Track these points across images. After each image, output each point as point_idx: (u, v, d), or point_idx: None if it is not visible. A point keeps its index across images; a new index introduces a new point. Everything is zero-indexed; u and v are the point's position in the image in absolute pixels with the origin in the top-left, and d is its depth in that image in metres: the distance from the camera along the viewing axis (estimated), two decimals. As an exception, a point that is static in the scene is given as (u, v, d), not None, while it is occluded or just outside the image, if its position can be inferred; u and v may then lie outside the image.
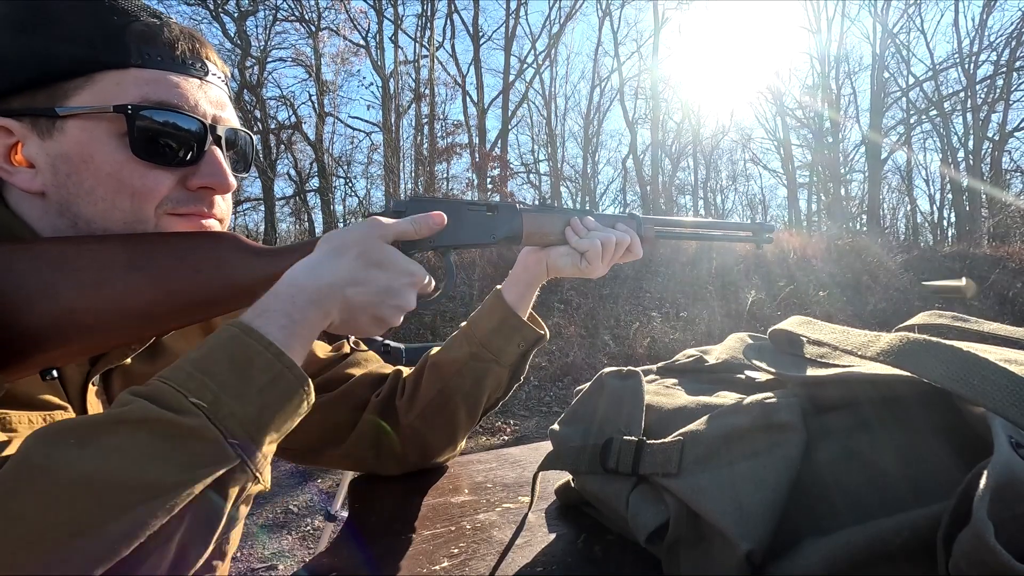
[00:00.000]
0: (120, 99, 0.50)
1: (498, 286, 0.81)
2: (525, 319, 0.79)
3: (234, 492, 0.43)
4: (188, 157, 0.54)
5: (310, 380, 0.48)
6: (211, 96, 0.57)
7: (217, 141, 0.57)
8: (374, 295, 0.54)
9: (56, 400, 0.52)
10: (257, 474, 0.44)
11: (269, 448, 0.45)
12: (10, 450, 0.42)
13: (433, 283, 0.63)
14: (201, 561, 0.43)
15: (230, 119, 0.59)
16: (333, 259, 0.53)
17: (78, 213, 0.52)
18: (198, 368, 0.43)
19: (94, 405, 0.56)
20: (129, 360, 0.59)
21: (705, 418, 0.53)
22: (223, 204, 0.60)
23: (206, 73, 0.57)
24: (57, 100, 0.50)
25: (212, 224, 0.58)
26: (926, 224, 17.85)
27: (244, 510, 0.46)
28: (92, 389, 0.56)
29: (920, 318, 0.71)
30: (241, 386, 0.43)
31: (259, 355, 0.45)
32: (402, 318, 0.58)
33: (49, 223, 0.53)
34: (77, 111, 0.50)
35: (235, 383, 0.43)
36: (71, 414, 0.53)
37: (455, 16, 14.30)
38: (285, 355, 0.46)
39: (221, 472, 0.41)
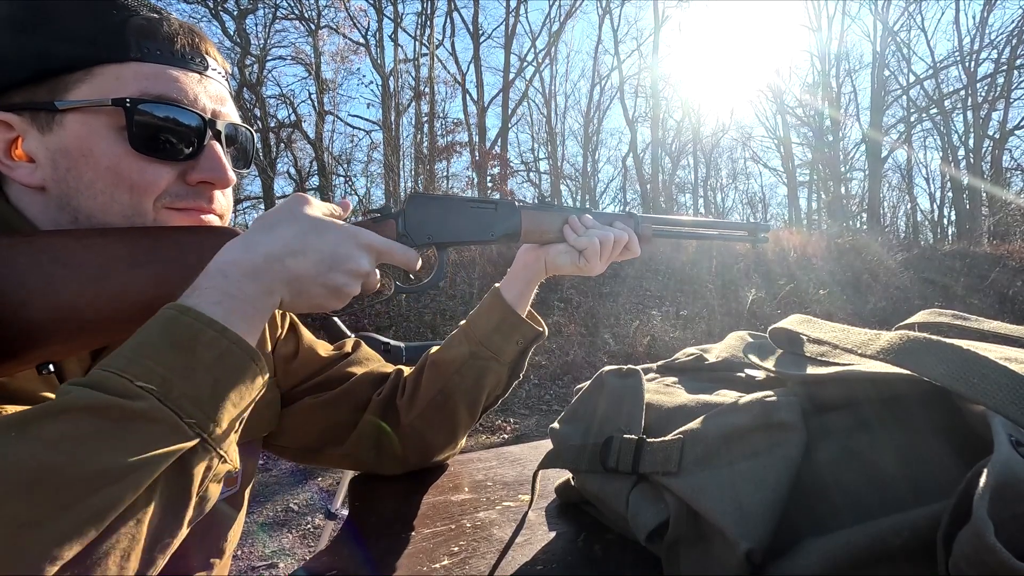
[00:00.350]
0: (119, 93, 0.50)
1: (496, 284, 0.81)
2: (524, 316, 0.79)
3: (199, 471, 0.42)
4: (187, 151, 0.54)
5: (260, 354, 0.46)
6: (211, 91, 0.57)
7: (217, 136, 0.57)
8: (319, 262, 0.51)
9: (53, 395, 0.52)
10: (222, 452, 0.43)
11: (228, 424, 0.44)
12: None
13: (417, 258, 0.61)
14: (176, 541, 0.43)
15: (230, 114, 0.59)
16: (265, 232, 0.50)
17: (78, 207, 0.52)
18: (140, 353, 0.42)
19: None
20: None
21: (705, 417, 0.53)
22: (223, 200, 0.60)
23: (206, 68, 0.57)
24: (57, 94, 0.50)
25: (212, 220, 0.58)
26: (926, 222, 17.87)
27: (215, 489, 0.46)
28: None
29: (920, 316, 0.71)
30: (188, 366, 0.42)
31: (201, 332, 0.43)
32: (360, 287, 0.55)
33: (50, 217, 0.53)
34: (76, 104, 0.50)
35: (181, 363, 0.42)
36: None
37: (455, 14, 14.29)
38: (229, 330, 0.44)
39: (181, 451, 0.41)
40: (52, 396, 0.51)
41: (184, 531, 0.44)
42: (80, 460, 0.37)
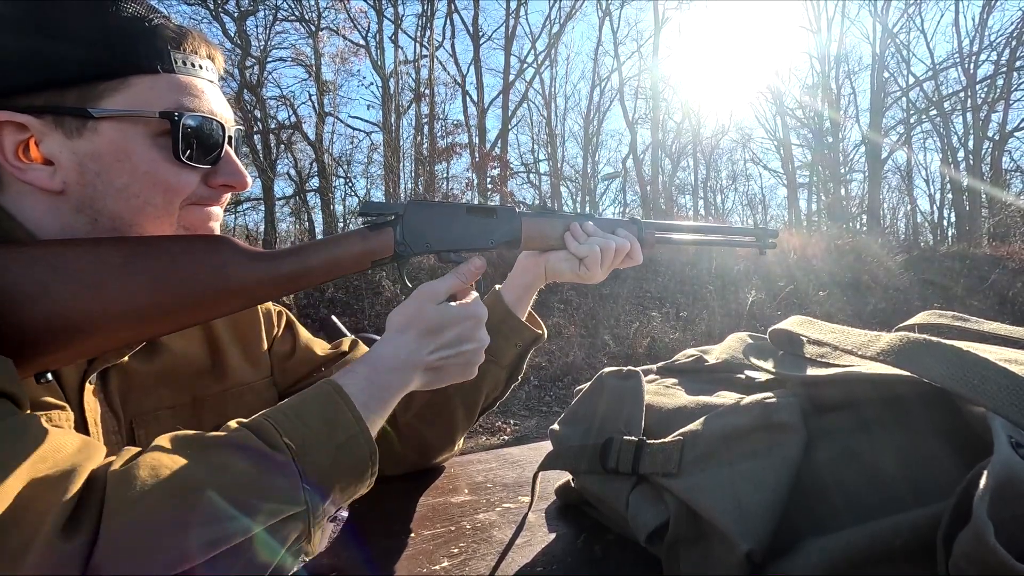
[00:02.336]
0: (156, 103, 0.53)
1: (496, 286, 0.81)
2: (523, 320, 0.79)
3: (291, 537, 0.44)
4: (211, 157, 0.57)
5: (378, 452, 0.51)
6: (221, 98, 0.59)
7: (229, 141, 0.59)
8: (451, 349, 0.60)
9: (53, 400, 0.52)
10: (311, 528, 0.46)
11: (329, 507, 0.47)
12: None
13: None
14: None
15: (231, 118, 0.60)
16: (399, 336, 0.58)
17: (102, 210, 0.53)
18: (295, 413, 0.48)
19: (91, 404, 0.56)
20: (126, 359, 0.59)
21: (705, 418, 0.53)
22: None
23: (218, 76, 0.60)
24: (89, 101, 0.51)
25: (218, 213, 0.61)
26: (926, 224, 17.86)
27: (292, 564, 0.47)
28: (89, 388, 0.56)
29: (920, 318, 0.71)
30: (324, 438, 0.48)
31: (343, 414, 0.50)
32: (484, 354, 0.63)
33: (57, 220, 0.53)
34: (115, 113, 0.51)
35: (320, 434, 0.48)
36: (69, 413, 0.53)
37: (455, 16, 14.30)
38: (363, 422, 0.50)
39: (288, 513, 0.43)
40: (50, 398, 0.51)
41: None
42: (226, 488, 0.41)
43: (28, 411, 0.44)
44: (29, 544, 0.34)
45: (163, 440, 0.44)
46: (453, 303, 0.61)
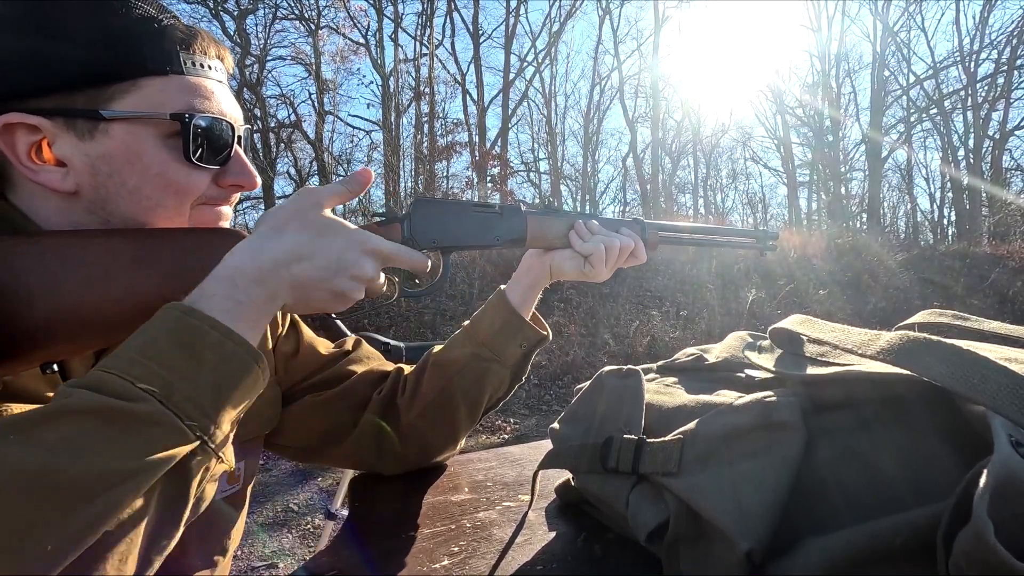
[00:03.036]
0: (167, 105, 0.53)
1: (501, 286, 0.81)
2: (528, 319, 0.79)
3: (197, 473, 0.43)
4: (221, 157, 0.57)
5: (263, 355, 0.47)
6: (230, 98, 0.59)
7: (238, 141, 0.59)
8: (324, 268, 0.51)
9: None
10: (220, 453, 0.44)
11: (228, 426, 0.44)
12: None
13: (426, 262, 0.61)
14: (173, 542, 0.43)
15: (240, 118, 0.60)
16: (273, 237, 0.51)
17: (114, 211, 0.53)
18: (143, 354, 0.42)
19: None
20: None
21: (705, 417, 0.53)
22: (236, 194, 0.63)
23: (226, 76, 0.60)
24: (100, 103, 0.51)
25: (228, 212, 0.61)
26: (926, 223, 17.86)
27: (211, 489, 0.46)
28: None
29: (920, 316, 0.71)
30: (192, 368, 0.43)
31: (206, 334, 0.44)
32: (364, 292, 0.55)
33: (69, 220, 0.53)
34: (127, 115, 0.51)
35: (184, 365, 0.42)
36: None
37: (455, 14, 14.30)
38: (235, 333, 0.45)
39: (182, 454, 0.41)
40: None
41: (180, 531, 0.44)
42: (80, 464, 0.37)
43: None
44: None
45: None
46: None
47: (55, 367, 0.50)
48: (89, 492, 0.36)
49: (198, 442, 0.42)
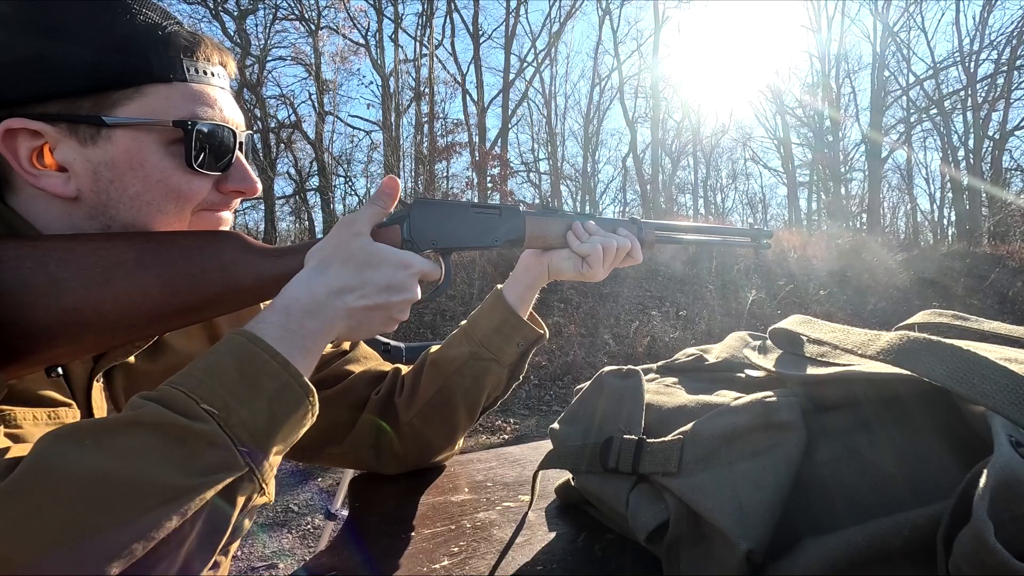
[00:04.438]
0: (170, 112, 0.53)
1: (499, 285, 0.82)
2: (525, 319, 0.79)
3: (241, 501, 0.43)
4: (222, 164, 0.57)
5: (314, 392, 0.48)
6: (232, 104, 0.59)
7: (239, 147, 0.59)
8: (376, 295, 0.54)
9: (60, 397, 0.52)
10: (263, 484, 0.45)
11: (275, 459, 0.46)
12: (19, 447, 0.42)
13: (440, 269, 0.64)
14: (206, 569, 0.43)
15: (242, 123, 0.60)
16: (321, 272, 0.53)
17: (115, 216, 0.54)
18: (208, 374, 0.44)
19: (98, 402, 0.56)
20: (132, 358, 0.59)
21: (705, 417, 0.53)
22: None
23: (228, 82, 0.60)
24: (103, 109, 0.51)
25: (228, 218, 0.61)
26: (926, 223, 17.86)
27: (248, 523, 0.47)
28: (97, 386, 0.56)
29: (920, 317, 0.71)
30: (250, 394, 0.44)
31: (267, 364, 0.46)
32: (409, 312, 0.58)
33: (70, 225, 0.53)
34: (130, 122, 0.51)
35: (244, 391, 0.44)
36: (75, 411, 0.53)
37: (455, 15, 14.29)
38: (291, 365, 0.47)
39: (230, 479, 0.42)
40: (57, 395, 0.51)
41: (214, 558, 0.44)
42: (143, 475, 0.38)
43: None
44: None
45: (50, 437, 0.39)
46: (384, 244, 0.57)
47: (59, 370, 0.50)
48: (146, 504, 0.37)
49: (246, 469, 0.42)
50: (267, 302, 0.70)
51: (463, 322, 0.81)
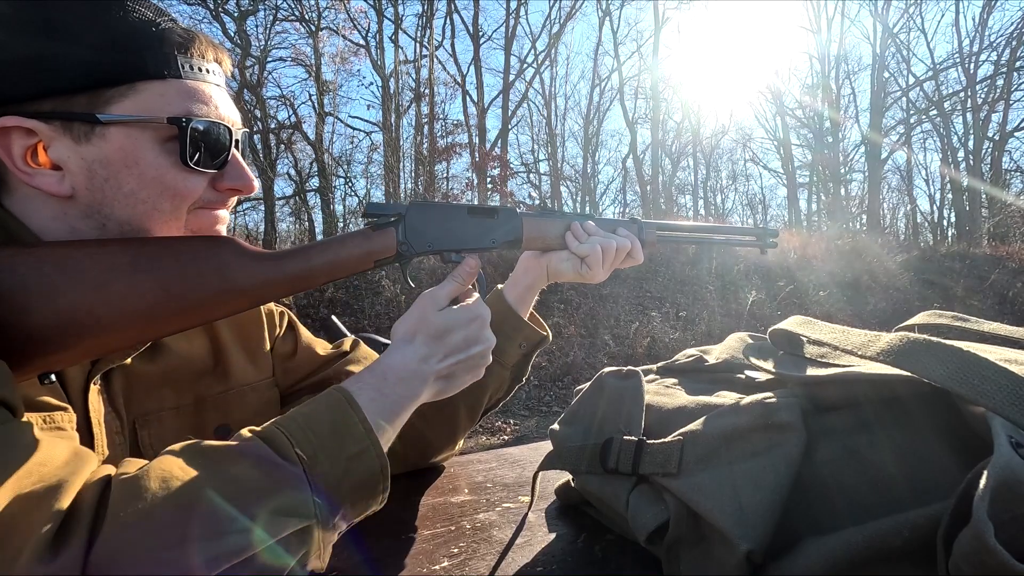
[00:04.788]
0: (165, 109, 0.53)
1: (499, 285, 0.81)
2: (526, 319, 0.79)
3: (300, 550, 0.44)
4: (218, 161, 0.57)
5: (389, 470, 0.50)
6: (227, 101, 0.59)
7: (236, 145, 0.59)
8: (459, 354, 0.59)
9: (55, 401, 0.52)
10: (323, 540, 0.45)
11: (339, 518, 0.46)
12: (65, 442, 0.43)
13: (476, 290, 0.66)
14: None
15: (238, 121, 0.60)
16: (406, 346, 0.58)
17: (110, 215, 0.53)
18: (307, 423, 0.47)
19: (95, 404, 0.56)
20: (130, 359, 0.59)
21: (705, 418, 0.53)
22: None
23: (224, 79, 0.60)
24: (98, 107, 0.51)
25: (225, 216, 0.61)
26: (926, 224, 17.86)
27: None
28: (94, 388, 0.56)
29: (920, 318, 0.71)
30: (335, 450, 0.47)
31: (355, 426, 0.49)
32: (491, 355, 0.62)
33: (65, 224, 0.53)
34: (124, 119, 0.51)
35: (331, 445, 0.47)
36: (71, 414, 0.53)
37: (455, 16, 14.30)
38: (374, 433, 0.49)
39: (298, 526, 0.43)
40: (52, 399, 0.51)
41: None
42: (235, 500, 0.40)
43: (23, 418, 0.44)
44: (13, 563, 0.34)
45: (175, 448, 0.43)
46: (455, 306, 0.61)
47: (52, 377, 0.50)
48: (232, 528, 0.39)
49: (315, 520, 0.43)
50: (267, 304, 0.70)
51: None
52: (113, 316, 0.49)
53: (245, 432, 0.46)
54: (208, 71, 0.56)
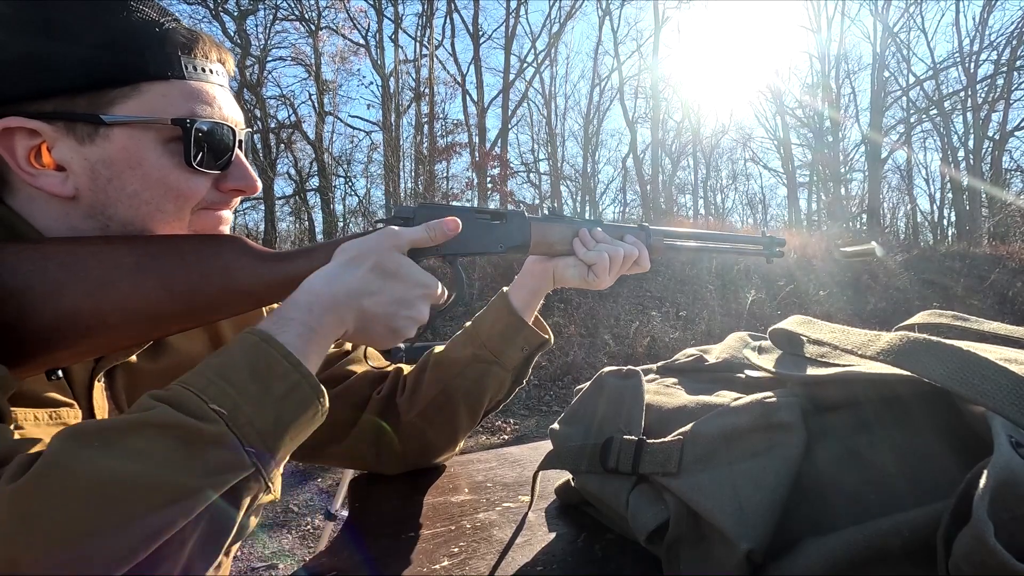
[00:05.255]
0: (167, 110, 0.53)
1: (504, 288, 0.81)
2: (530, 323, 0.79)
3: (247, 501, 0.44)
4: (222, 162, 0.57)
5: (325, 391, 0.48)
6: (230, 101, 0.59)
7: (239, 145, 0.59)
8: (388, 305, 0.55)
9: (61, 397, 0.52)
10: (269, 483, 0.45)
11: (282, 458, 0.46)
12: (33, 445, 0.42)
13: (445, 294, 0.63)
14: (211, 569, 0.43)
15: (241, 121, 0.60)
16: (350, 269, 0.54)
17: (113, 215, 0.53)
18: (219, 375, 0.44)
19: (100, 401, 0.56)
20: (134, 357, 0.59)
21: (705, 417, 0.53)
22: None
23: (227, 79, 0.60)
24: (101, 107, 0.51)
25: (228, 216, 0.61)
26: (926, 223, 17.87)
27: (254, 521, 0.47)
28: (98, 385, 0.56)
29: (920, 317, 0.71)
30: (260, 394, 0.44)
31: (278, 364, 0.46)
32: (415, 331, 0.58)
33: (68, 225, 0.53)
34: (128, 120, 0.51)
35: (254, 391, 0.44)
36: (77, 411, 0.53)
37: (455, 15, 14.31)
38: (303, 365, 0.47)
39: (237, 480, 0.42)
40: (59, 396, 0.51)
41: (220, 557, 0.44)
42: (148, 476, 0.38)
43: (10, 425, 0.44)
44: None
45: (61, 437, 0.39)
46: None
47: (59, 373, 0.50)
48: (153, 504, 0.38)
49: (252, 469, 0.42)
50: (270, 306, 0.70)
51: (467, 323, 0.81)
52: (117, 314, 0.49)
53: (145, 400, 0.42)
54: (211, 71, 0.56)
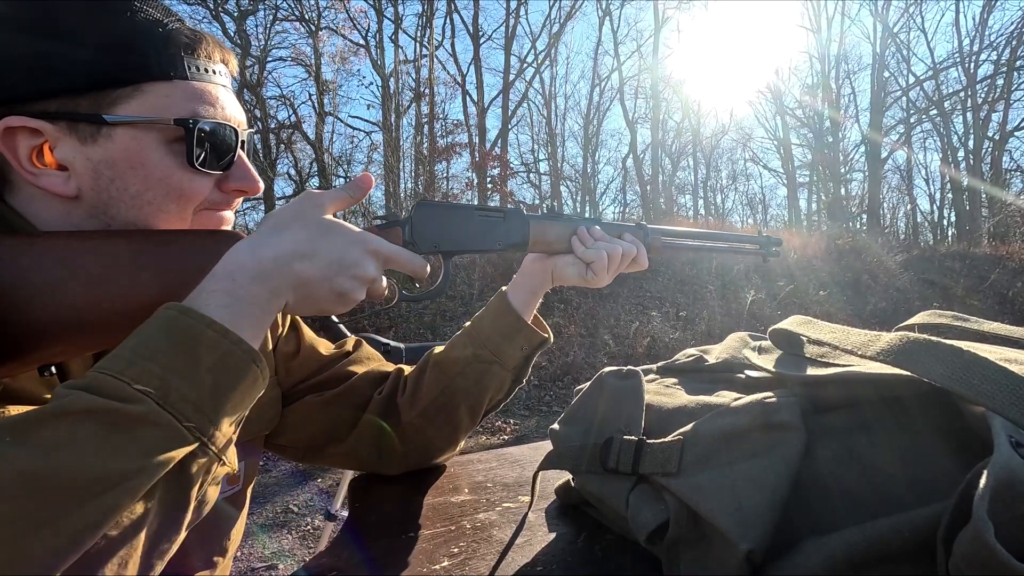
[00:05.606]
0: (171, 110, 0.53)
1: (503, 287, 0.81)
2: (529, 322, 0.79)
3: (199, 475, 0.43)
4: (224, 162, 0.57)
5: (261, 356, 0.46)
6: (233, 101, 0.59)
7: (241, 145, 0.59)
8: (326, 267, 0.51)
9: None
10: (220, 455, 0.44)
11: (229, 427, 0.44)
12: None
13: (426, 266, 0.61)
14: (175, 546, 0.43)
15: (244, 122, 0.60)
16: (274, 235, 0.50)
17: (115, 215, 0.53)
18: (139, 355, 0.42)
19: None
20: None
21: (705, 417, 0.53)
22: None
23: (230, 80, 0.60)
24: (104, 107, 0.51)
25: (230, 217, 0.61)
26: (926, 223, 17.89)
27: (213, 492, 0.46)
28: None
29: (920, 317, 0.71)
30: (188, 367, 0.42)
31: (202, 334, 0.43)
32: (365, 292, 0.55)
33: (69, 224, 0.53)
34: (131, 120, 0.51)
35: (181, 365, 0.42)
36: None
37: (455, 15, 14.31)
38: (232, 332, 0.44)
39: (181, 455, 0.41)
40: None
41: (183, 535, 0.44)
42: (77, 466, 0.36)
43: None
44: None
45: None
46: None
47: (52, 369, 0.50)
48: (86, 494, 0.36)
49: (197, 444, 0.41)
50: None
51: (467, 323, 0.81)
52: (115, 309, 0.49)
53: (59, 389, 0.40)
54: (214, 72, 0.56)
